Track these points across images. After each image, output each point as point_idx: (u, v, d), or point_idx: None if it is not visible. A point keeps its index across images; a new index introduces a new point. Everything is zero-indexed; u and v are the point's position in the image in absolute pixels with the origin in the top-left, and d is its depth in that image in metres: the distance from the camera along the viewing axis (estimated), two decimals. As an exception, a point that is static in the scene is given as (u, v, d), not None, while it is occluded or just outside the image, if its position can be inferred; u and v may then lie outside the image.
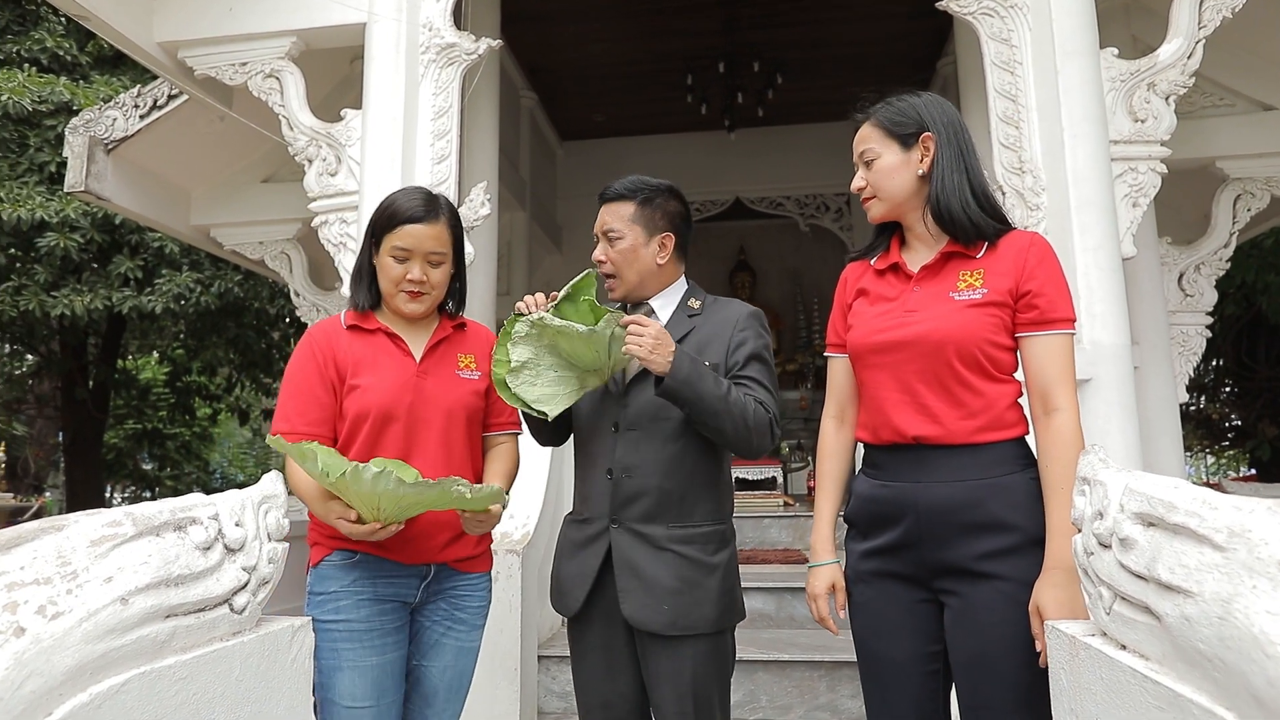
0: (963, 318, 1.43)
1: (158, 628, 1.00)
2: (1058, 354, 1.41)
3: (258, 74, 3.70)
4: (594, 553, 1.68)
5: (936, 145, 1.51)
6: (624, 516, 1.66)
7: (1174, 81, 3.18)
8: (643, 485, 1.65)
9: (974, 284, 1.45)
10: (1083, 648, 1.01)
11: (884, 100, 1.59)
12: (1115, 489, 0.98)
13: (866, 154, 1.56)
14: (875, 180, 1.54)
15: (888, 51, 6.73)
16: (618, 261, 1.75)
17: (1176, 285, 4.35)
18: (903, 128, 1.53)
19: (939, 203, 1.48)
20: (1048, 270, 1.44)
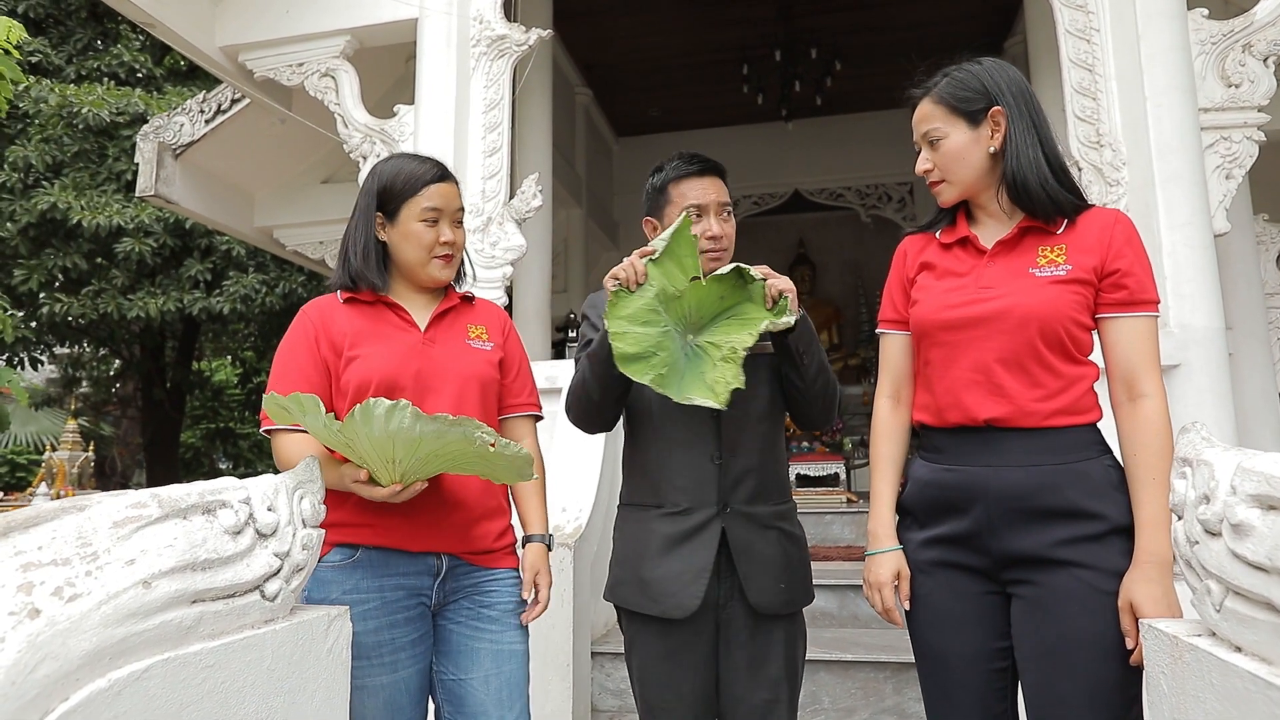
0: (1046, 294, 1.33)
1: (183, 613, 0.96)
2: (1145, 337, 1.30)
3: (314, 73, 3.75)
4: (704, 544, 1.56)
5: (1008, 120, 1.40)
6: (733, 500, 1.58)
7: (1274, 41, 2.94)
8: (748, 465, 1.60)
9: (1056, 260, 1.35)
10: (1188, 650, 0.89)
11: (943, 73, 1.47)
12: (1224, 469, 0.86)
13: (931, 134, 1.44)
14: (944, 163, 1.43)
15: (951, 33, 6.48)
16: (732, 237, 1.68)
17: (1275, 265, 4.05)
18: (969, 103, 1.41)
19: (1015, 180, 1.38)
20: (1135, 249, 1.34)
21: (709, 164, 1.69)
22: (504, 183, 3.46)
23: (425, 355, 1.55)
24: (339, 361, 1.52)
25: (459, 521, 1.52)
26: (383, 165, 1.63)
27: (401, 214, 1.56)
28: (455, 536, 1.52)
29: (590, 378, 1.57)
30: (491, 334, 1.66)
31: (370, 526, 1.47)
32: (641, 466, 1.64)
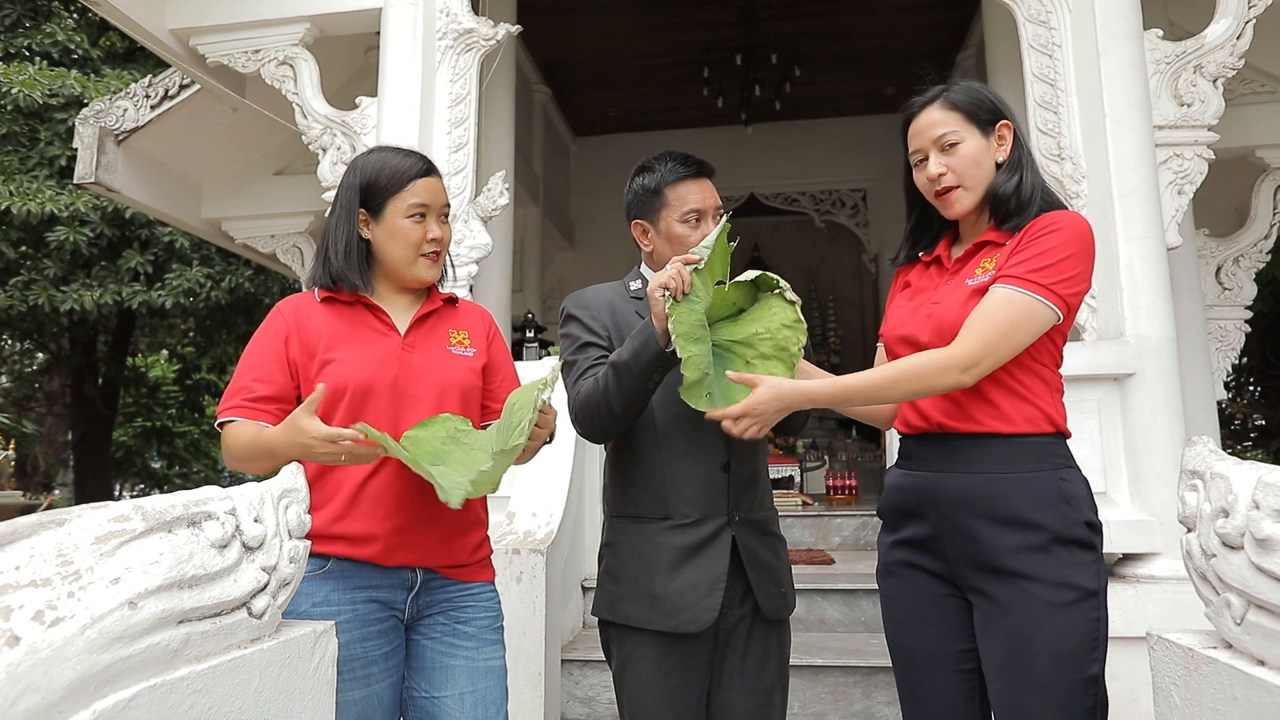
0: (966, 304, 1.37)
1: (170, 635, 0.89)
2: (999, 304, 1.30)
3: (271, 61, 3.62)
4: (716, 555, 1.52)
5: (1016, 133, 1.43)
6: (739, 509, 1.57)
7: (1222, 63, 3.06)
8: (751, 473, 1.60)
9: (988, 268, 1.39)
10: (1205, 662, 0.90)
11: (944, 87, 1.48)
12: (1244, 483, 0.87)
13: (948, 138, 1.42)
14: (962, 168, 1.42)
15: (907, 44, 6.62)
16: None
17: (1214, 278, 4.22)
18: (980, 111, 1.43)
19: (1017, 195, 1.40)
20: (1040, 239, 1.34)
21: (705, 166, 1.66)
22: (470, 180, 3.39)
23: (403, 362, 1.49)
24: (311, 364, 1.45)
25: (437, 535, 1.46)
26: (365, 159, 1.56)
27: (387, 210, 1.50)
28: (432, 550, 1.46)
29: (616, 390, 1.48)
30: (474, 339, 1.60)
31: (345, 539, 1.41)
32: (643, 477, 1.58)
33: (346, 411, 1.42)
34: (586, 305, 1.67)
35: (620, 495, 1.63)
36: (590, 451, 3.13)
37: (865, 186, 8.31)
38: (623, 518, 1.61)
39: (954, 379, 1.30)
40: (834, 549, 4.29)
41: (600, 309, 1.65)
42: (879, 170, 8.08)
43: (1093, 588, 1.31)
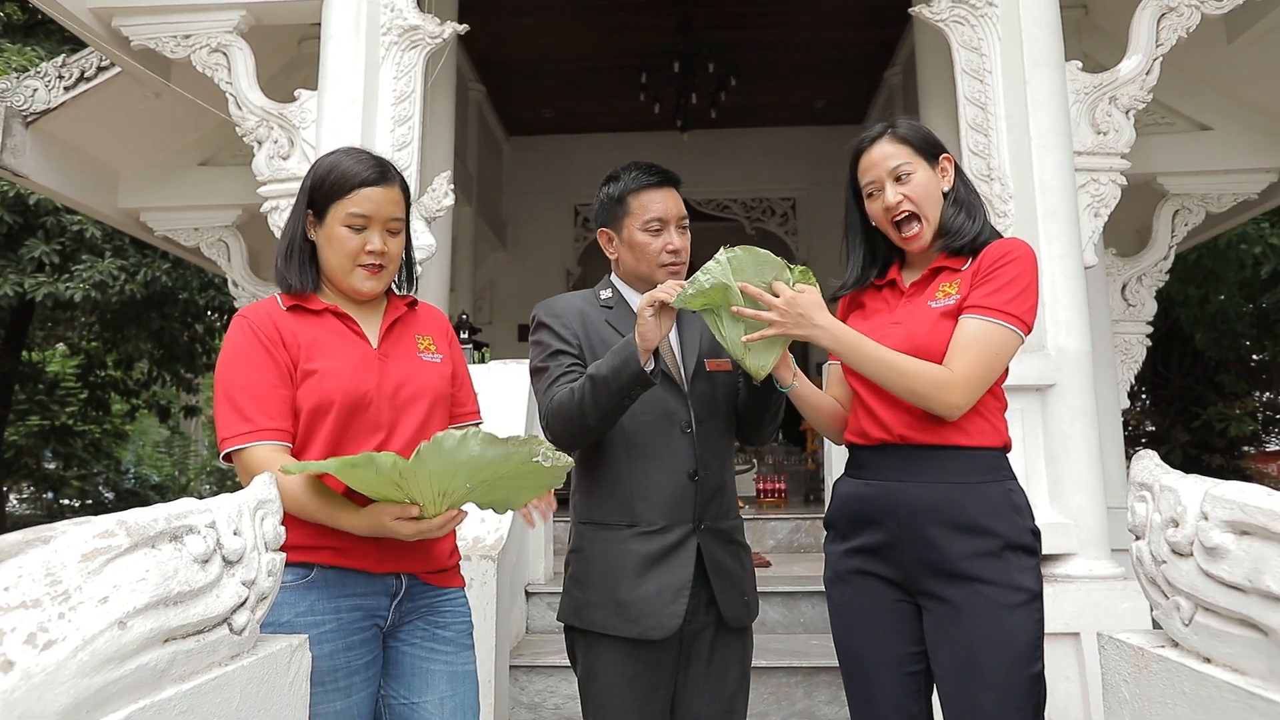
0: (933, 327, 1.46)
1: (157, 654, 0.86)
2: (977, 333, 1.41)
3: (202, 48, 3.47)
4: (681, 562, 1.55)
5: (956, 166, 1.55)
6: (706, 517, 1.59)
7: (1134, 96, 3.28)
8: (719, 482, 1.62)
9: (950, 292, 1.48)
10: (1155, 660, 0.98)
11: (889, 122, 1.58)
12: (1192, 495, 0.95)
13: (902, 169, 1.51)
14: (918, 196, 1.51)
15: (837, 59, 6.83)
16: (688, 252, 1.68)
17: (1120, 295, 4.51)
18: (927, 144, 1.54)
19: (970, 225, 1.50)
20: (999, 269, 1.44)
21: (668, 175, 1.68)
22: (414, 179, 3.33)
23: (383, 372, 1.46)
24: (295, 375, 1.41)
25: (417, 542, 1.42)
26: (323, 159, 1.53)
27: (328, 216, 1.46)
28: (417, 554, 1.44)
29: (592, 403, 1.49)
30: (439, 344, 1.59)
31: (334, 549, 1.37)
32: (611, 484, 1.60)
33: (332, 432, 1.39)
34: (557, 313, 1.68)
35: (588, 502, 1.64)
36: (536, 456, 3.11)
37: (795, 195, 8.53)
38: (590, 524, 1.63)
39: (955, 399, 1.38)
40: (769, 552, 4.39)
41: (571, 317, 1.67)
42: (808, 180, 8.31)
43: (1037, 590, 1.42)
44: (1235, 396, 8.66)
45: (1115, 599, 2.68)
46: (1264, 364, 8.86)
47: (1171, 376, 8.99)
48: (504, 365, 3.21)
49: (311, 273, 1.49)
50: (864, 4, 5.88)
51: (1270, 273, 6.83)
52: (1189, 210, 4.52)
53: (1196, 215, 4.53)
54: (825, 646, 2.88)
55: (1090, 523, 2.82)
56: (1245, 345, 8.30)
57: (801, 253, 8.43)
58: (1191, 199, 4.52)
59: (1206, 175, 4.49)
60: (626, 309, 1.68)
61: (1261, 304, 7.70)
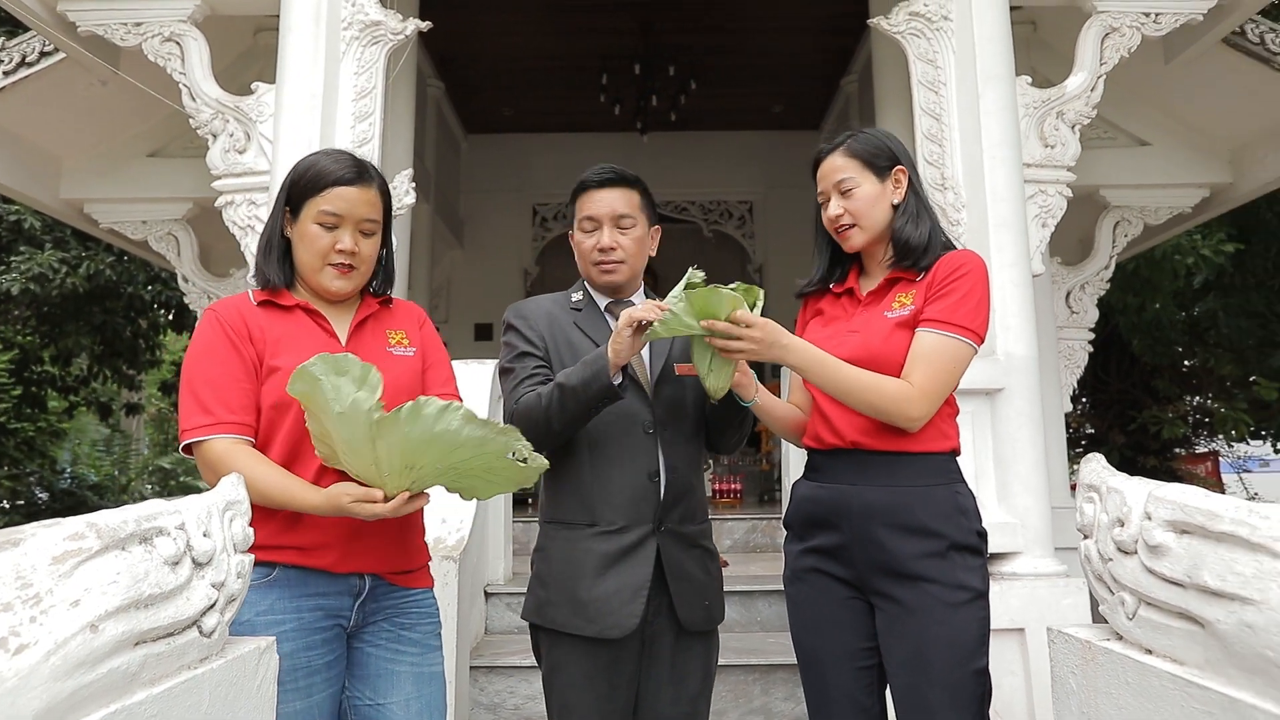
0: (888, 336, 1.52)
1: (128, 658, 0.86)
2: (933, 348, 1.47)
3: (155, 36, 3.38)
4: (640, 563, 1.56)
5: (909, 179, 1.59)
6: (667, 519, 1.60)
7: (1079, 112, 3.41)
8: (684, 485, 1.63)
9: (905, 303, 1.54)
10: (1101, 652, 1.04)
11: (848, 133, 1.63)
12: (1136, 496, 1.01)
13: (845, 183, 1.58)
14: (857, 209, 1.57)
15: (795, 65, 6.94)
16: (629, 249, 1.68)
17: (1064, 302, 4.67)
18: (877, 158, 1.58)
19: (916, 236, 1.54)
20: (953, 283, 1.50)
21: (609, 176, 1.70)
22: (375, 176, 3.29)
23: None
24: (260, 370, 1.40)
25: (387, 537, 1.44)
26: (305, 158, 1.54)
27: (302, 213, 1.47)
28: (382, 554, 1.44)
29: (558, 410, 1.52)
30: (410, 337, 1.59)
31: (298, 549, 1.37)
32: (573, 483, 1.62)
33: (293, 429, 1.39)
34: (525, 315, 1.71)
35: (551, 501, 1.66)
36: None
37: (752, 199, 8.63)
38: (553, 523, 1.65)
39: (915, 412, 1.44)
40: (725, 551, 4.45)
41: (538, 319, 1.70)
42: (765, 184, 8.42)
43: (982, 589, 1.48)
44: (1168, 401, 9.02)
45: (1058, 595, 2.79)
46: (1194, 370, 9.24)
47: (1110, 381, 9.33)
48: (464, 365, 3.20)
49: (287, 269, 1.50)
50: (823, 12, 5.98)
51: (1202, 283, 7.14)
52: (1129, 222, 4.71)
53: (1136, 227, 4.72)
54: (782, 645, 2.93)
55: (1035, 522, 2.93)
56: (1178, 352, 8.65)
57: (758, 256, 8.53)
58: (1131, 211, 4.71)
59: (1145, 189, 4.68)
60: (595, 311, 1.72)
61: (1193, 312, 8.03)
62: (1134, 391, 9.24)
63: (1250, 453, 11.18)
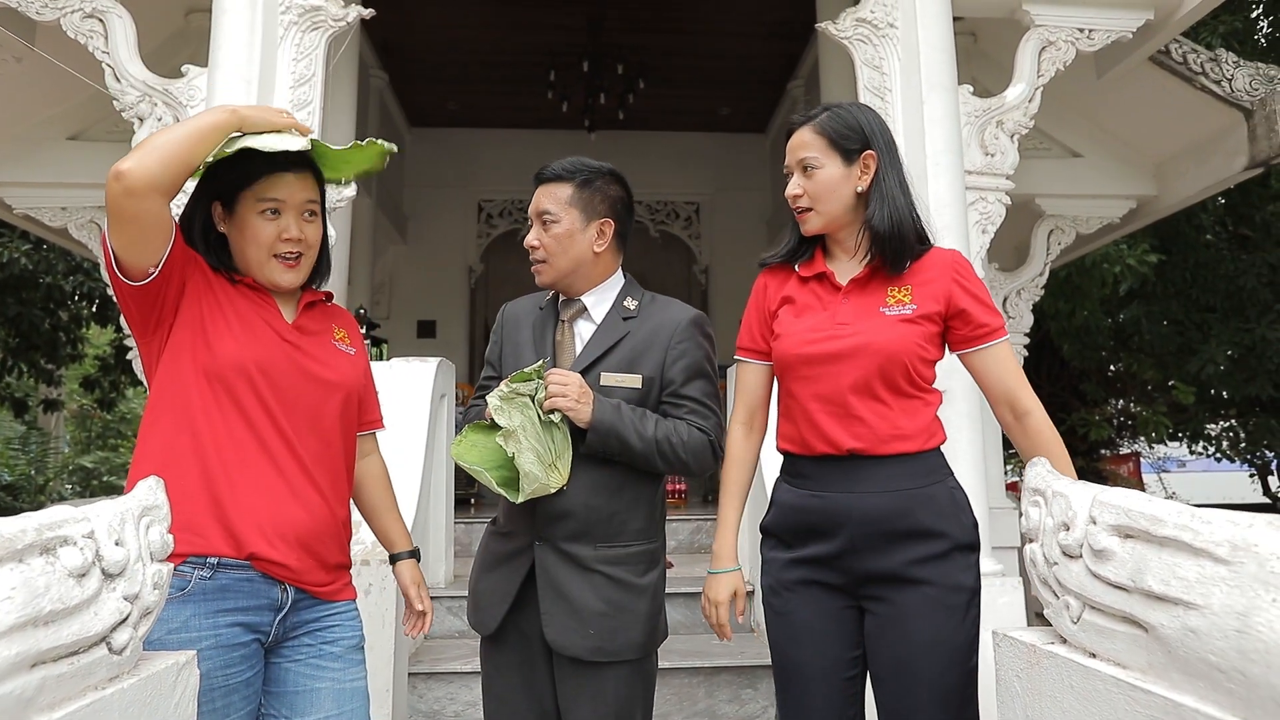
0: (896, 332, 1.46)
1: (23, 681, 0.78)
2: (1008, 358, 1.48)
3: (75, 12, 3.20)
4: (515, 569, 1.56)
5: (878, 165, 1.50)
6: (550, 534, 1.54)
7: (1018, 121, 3.50)
8: (575, 503, 1.53)
9: (903, 300, 1.49)
10: (1046, 656, 1.04)
11: (824, 107, 1.56)
12: (1081, 501, 1.02)
13: (807, 161, 1.51)
14: (815, 191, 1.51)
15: (743, 68, 6.98)
16: (550, 247, 1.62)
17: (1001, 307, 4.79)
18: (847, 140, 1.50)
19: (886, 224, 1.47)
20: (973, 285, 1.50)
21: (543, 171, 1.67)
22: (313, 166, 3.18)
23: (297, 347, 1.42)
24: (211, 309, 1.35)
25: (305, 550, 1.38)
26: None
27: (238, 205, 1.40)
28: (300, 562, 1.36)
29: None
30: (352, 339, 1.56)
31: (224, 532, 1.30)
32: None
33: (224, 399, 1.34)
34: (501, 317, 1.76)
35: None
36: (438, 456, 3.04)
37: (699, 200, 8.66)
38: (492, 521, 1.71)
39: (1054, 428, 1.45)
40: (670, 552, 4.43)
41: (508, 319, 1.75)
42: (712, 185, 8.45)
43: (976, 587, 1.45)
44: (1095, 404, 9.38)
45: (994, 595, 2.84)
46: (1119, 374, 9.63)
47: (1041, 384, 9.65)
48: (406, 363, 3.11)
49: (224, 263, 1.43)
50: (771, 17, 6.03)
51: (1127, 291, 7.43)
52: (1062, 230, 4.85)
53: (1068, 235, 4.87)
54: (725, 647, 2.93)
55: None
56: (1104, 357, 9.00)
57: (704, 257, 8.56)
58: (1064, 220, 4.85)
59: (1077, 199, 4.84)
60: (552, 310, 1.71)
61: (1119, 319, 8.36)
62: (1063, 395, 9.58)
63: (1169, 454, 11.72)
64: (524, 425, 1.47)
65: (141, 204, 1.22)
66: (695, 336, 1.63)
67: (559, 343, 1.65)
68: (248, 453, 1.33)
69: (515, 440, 1.46)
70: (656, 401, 1.60)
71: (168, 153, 1.24)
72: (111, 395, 8.95)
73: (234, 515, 1.30)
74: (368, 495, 1.61)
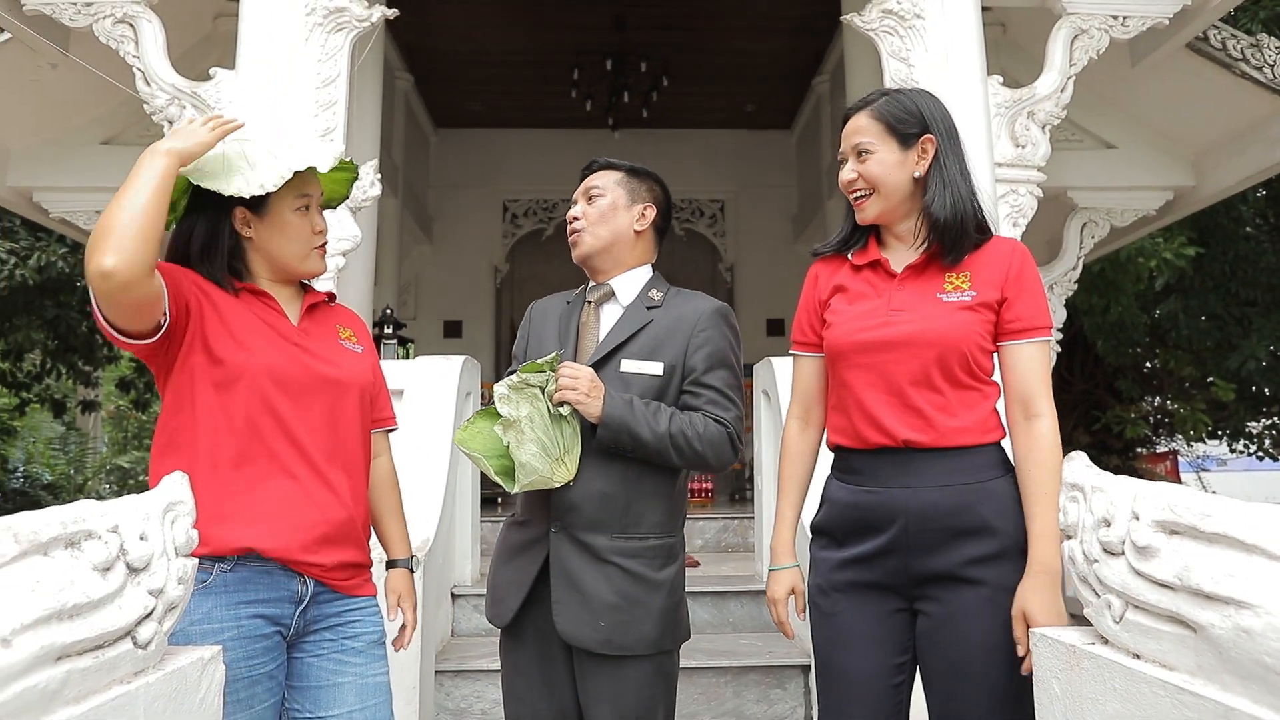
0: (954, 320, 1.39)
1: (47, 675, 0.78)
2: (1038, 360, 1.41)
3: (107, 17, 3.25)
4: (531, 559, 1.55)
5: (937, 150, 1.44)
6: (566, 522, 1.52)
7: (1049, 112, 3.42)
8: (595, 491, 1.51)
9: (961, 286, 1.42)
10: (1087, 657, 1.00)
11: (881, 92, 1.51)
12: (1123, 496, 0.98)
13: (862, 146, 1.46)
14: (871, 176, 1.45)
15: (768, 65, 6.92)
16: (592, 216, 1.63)
17: (1033, 303, 4.70)
18: (904, 124, 1.44)
19: (947, 211, 1.41)
20: (1029, 278, 1.43)
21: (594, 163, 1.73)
22: (338, 166, 3.20)
23: (304, 349, 1.41)
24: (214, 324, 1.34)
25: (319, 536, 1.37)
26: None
27: (269, 203, 1.40)
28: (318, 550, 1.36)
29: None
30: (360, 338, 1.56)
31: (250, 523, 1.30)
32: None
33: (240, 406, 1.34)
34: (528, 316, 1.76)
35: None
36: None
37: (724, 198, 8.61)
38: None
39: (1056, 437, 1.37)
40: (696, 551, 4.41)
41: (535, 316, 1.75)
42: (737, 183, 8.40)
43: None
44: (1131, 401, 9.18)
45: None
46: (1155, 371, 9.42)
47: (1075, 381, 9.47)
48: (431, 360, 3.12)
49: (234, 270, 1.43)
50: (795, 12, 5.98)
51: (1163, 285, 7.26)
52: (1095, 223, 4.75)
53: (1102, 228, 4.77)
54: (754, 646, 2.90)
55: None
56: (1140, 353, 8.80)
57: (729, 255, 8.51)
58: (1098, 213, 4.75)
59: (1111, 191, 4.73)
60: (579, 303, 1.71)
61: (1155, 314, 8.18)
62: (1098, 392, 9.39)
63: (1207, 452, 11.44)
64: (532, 416, 1.46)
65: (136, 291, 1.20)
66: (720, 326, 1.62)
67: (584, 324, 1.65)
68: (260, 456, 1.33)
69: (517, 430, 1.45)
70: (678, 391, 1.59)
71: (142, 227, 1.19)
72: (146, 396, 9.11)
73: (248, 518, 1.30)
74: (373, 497, 1.58)
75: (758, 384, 3.53)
